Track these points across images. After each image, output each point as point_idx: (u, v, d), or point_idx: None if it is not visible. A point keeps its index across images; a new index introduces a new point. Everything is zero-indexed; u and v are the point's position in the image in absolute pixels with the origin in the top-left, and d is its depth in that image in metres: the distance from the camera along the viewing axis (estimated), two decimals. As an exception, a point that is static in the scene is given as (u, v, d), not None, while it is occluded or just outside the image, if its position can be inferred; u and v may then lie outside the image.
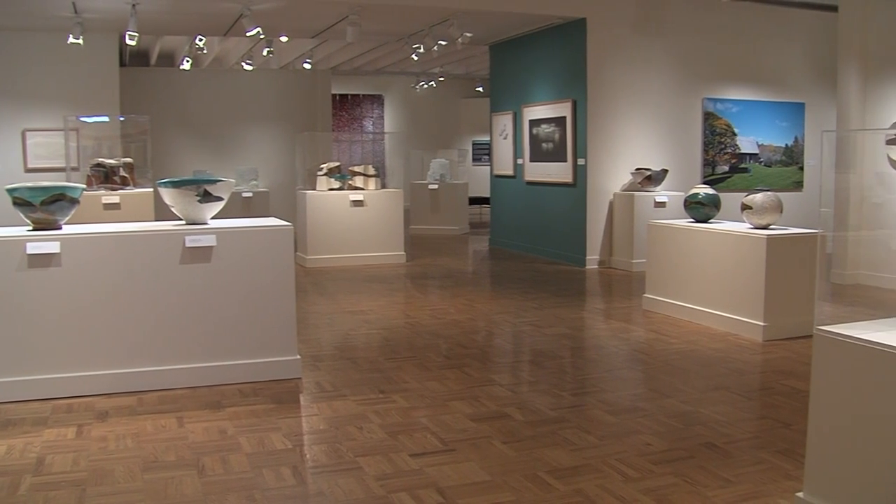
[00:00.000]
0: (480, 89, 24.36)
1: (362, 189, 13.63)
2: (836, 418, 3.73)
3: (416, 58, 15.60)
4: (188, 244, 6.23)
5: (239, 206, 16.66)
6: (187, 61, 16.73)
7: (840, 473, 3.73)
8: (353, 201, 13.41)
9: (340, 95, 25.28)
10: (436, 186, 19.18)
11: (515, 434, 5.28)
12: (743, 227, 8.45)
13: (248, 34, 12.44)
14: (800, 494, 3.95)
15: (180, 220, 6.58)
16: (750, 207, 8.28)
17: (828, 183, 4.99)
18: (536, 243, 14.65)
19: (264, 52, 16.04)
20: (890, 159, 11.26)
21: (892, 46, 11.60)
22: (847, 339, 3.64)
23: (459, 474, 4.59)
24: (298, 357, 6.67)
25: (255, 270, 6.44)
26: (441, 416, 5.63)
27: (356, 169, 13.92)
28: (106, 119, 13.65)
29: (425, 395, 6.17)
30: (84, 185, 6.63)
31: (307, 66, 18.35)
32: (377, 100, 26.34)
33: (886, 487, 3.49)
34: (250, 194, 17.83)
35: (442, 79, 23.71)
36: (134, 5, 11.61)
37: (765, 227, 8.27)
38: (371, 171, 13.90)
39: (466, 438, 5.19)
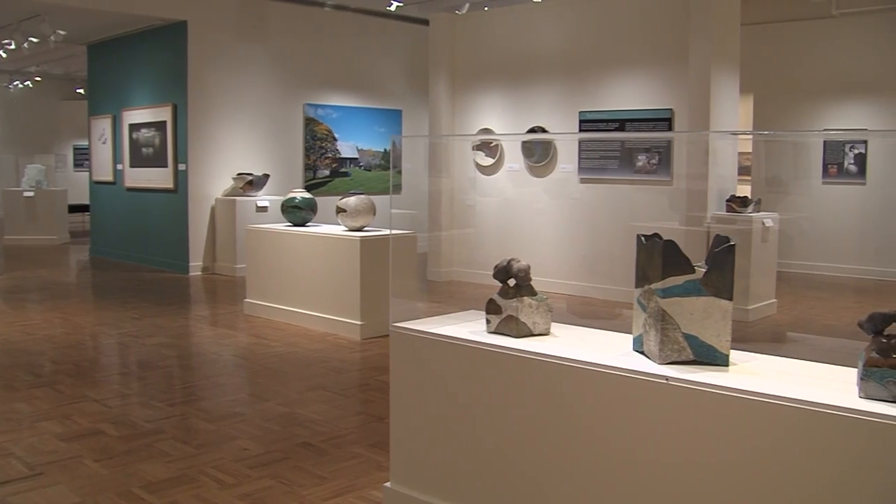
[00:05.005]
0: (81, 91, 23.18)
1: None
2: (413, 408, 3.95)
3: (4, 55, 14.71)
4: None
5: None
6: None
7: (421, 461, 3.94)
8: (-68, 211, 12.32)
9: (-82, 93, 23.06)
10: (32, 194, 18.03)
11: (109, 451, 5.09)
12: (338, 230, 8.71)
13: None
14: (388, 484, 4.12)
15: None
16: (344, 210, 8.52)
17: (404, 184, 5.27)
18: (139, 251, 14.22)
19: None
20: (477, 164, 12.05)
21: (476, 59, 12.45)
22: (416, 334, 3.87)
23: (47, 500, 4.34)
24: None
25: None
26: (28, 439, 5.30)
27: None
28: None
29: (11, 417, 5.78)
30: None
31: None
32: (-36, 99, 24.32)
33: (461, 470, 3.73)
34: None
35: (38, 79, 22.35)
36: None
37: (359, 229, 8.56)
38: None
39: (56, 460, 4.92)
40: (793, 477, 2.70)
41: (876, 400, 2.65)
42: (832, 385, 2.83)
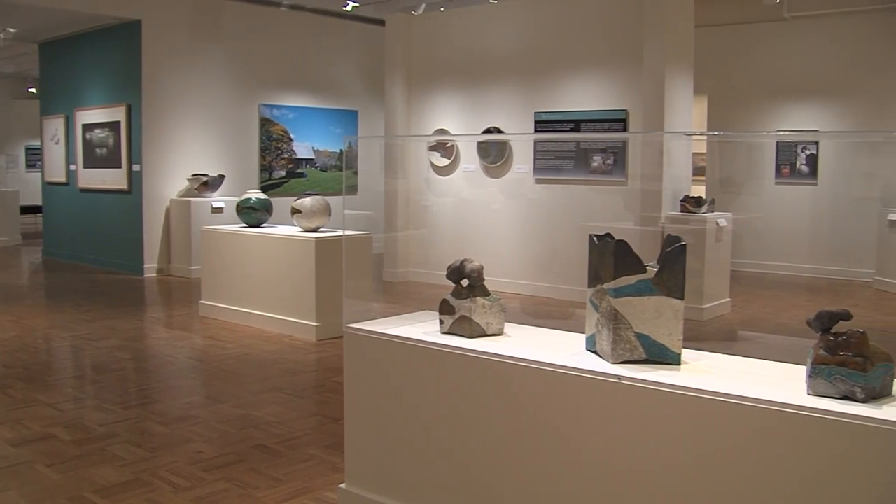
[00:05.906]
0: (33, 90, 22.86)
1: None
2: (367, 410, 3.94)
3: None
4: None
5: None
6: None
7: (376, 462, 3.94)
8: None
9: None
10: (-18, 195, 17.80)
11: (60, 455, 5.03)
12: (293, 231, 8.67)
13: None
14: (343, 486, 4.10)
15: None
16: (299, 211, 8.49)
17: (361, 185, 5.26)
18: (93, 253, 14.06)
19: None
20: (432, 164, 12.05)
21: (432, 60, 12.45)
22: (369, 335, 3.86)
23: (-5, 506, 4.30)
24: None
25: None
26: (-23, 444, 5.24)
27: None
28: None
29: (-40, 422, 5.71)
30: None
31: None
32: (-89, 99, 23.89)
33: (416, 471, 3.73)
34: None
35: (-12, 77, 22.12)
36: None
37: (314, 230, 8.53)
38: None
39: (6, 466, 4.85)
40: (743, 474, 2.72)
41: (824, 397, 2.68)
42: (782, 383, 2.86)
